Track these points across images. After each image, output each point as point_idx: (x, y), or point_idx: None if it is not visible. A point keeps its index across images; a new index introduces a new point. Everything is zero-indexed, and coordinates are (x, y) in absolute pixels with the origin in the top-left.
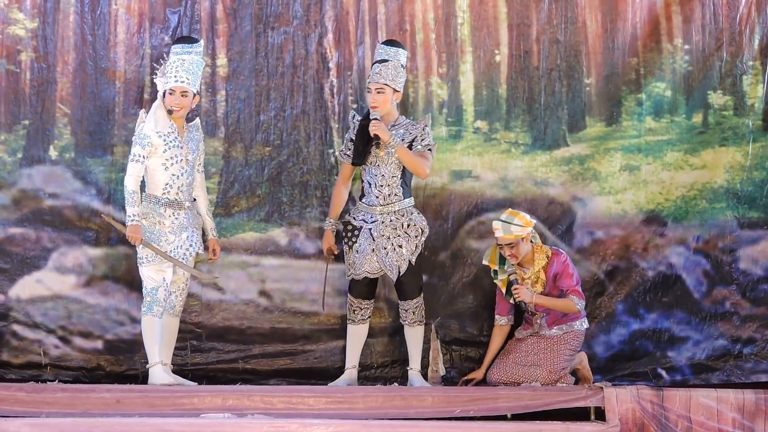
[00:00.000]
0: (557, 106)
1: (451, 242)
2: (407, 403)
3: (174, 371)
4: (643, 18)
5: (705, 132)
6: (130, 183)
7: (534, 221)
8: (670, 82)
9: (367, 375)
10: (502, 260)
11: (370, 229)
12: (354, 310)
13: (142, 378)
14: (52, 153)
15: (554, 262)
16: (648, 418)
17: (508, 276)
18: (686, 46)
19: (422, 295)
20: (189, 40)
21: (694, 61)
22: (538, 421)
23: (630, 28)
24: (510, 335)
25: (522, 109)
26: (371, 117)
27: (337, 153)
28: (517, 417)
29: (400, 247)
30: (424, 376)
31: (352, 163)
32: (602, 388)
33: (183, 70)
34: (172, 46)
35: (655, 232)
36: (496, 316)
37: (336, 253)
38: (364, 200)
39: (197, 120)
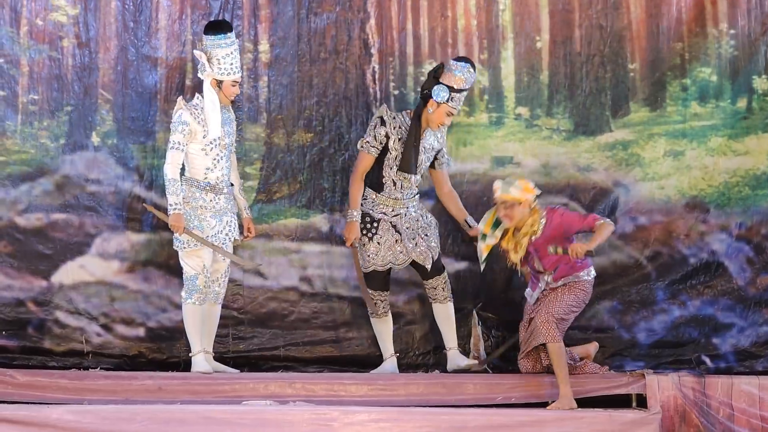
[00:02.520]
0: (600, 91)
1: None
2: (449, 391)
3: (216, 358)
4: (687, 3)
5: (749, 117)
6: (170, 171)
7: (538, 192)
8: (716, 67)
9: (408, 362)
10: (497, 226)
11: (391, 221)
12: (376, 303)
13: (183, 365)
14: (95, 139)
15: (550, 221)
16: (690, 405)
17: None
18: (732, 31)
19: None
20: (228, 27)
21: (739, 45)
22: (579, 409)
23: (675, 13)
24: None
25: (564, 95)
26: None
27: (361, 144)
28: None
29: (427, 236)
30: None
31: (407, 172)
32: (644, 375)
33: (237, 59)
34: (214, 36)
35: (697, 218)
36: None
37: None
38: (383, 194)
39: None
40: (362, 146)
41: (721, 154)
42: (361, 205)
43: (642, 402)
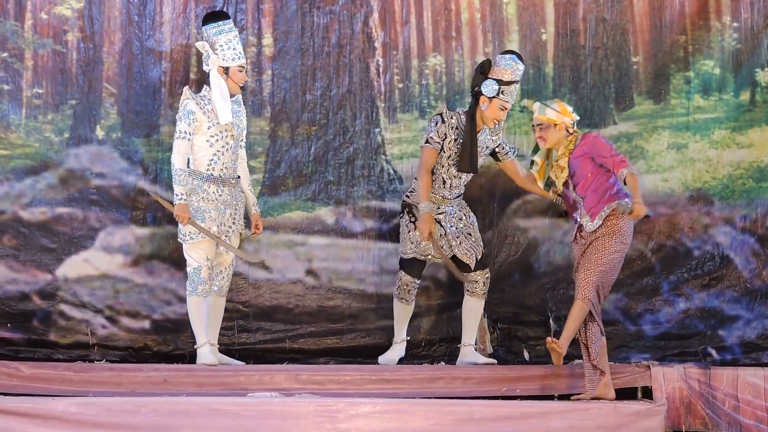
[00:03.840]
0: (604, 84)
1: (498, 221)
2: (454, 382)
3: (221, 351)
4: None
5: (752, 110)
6: (177, 161)
7: (576, 117)
8: (719, 59)
9: (414, 353)
10: (536, 150)
11: (436, 218)
12: (409, 290)
13: (188, 357)
14: (99, 133)
15: (584, 141)
16: (695, 397)
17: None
18: (735, 24)
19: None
20: (225, 15)
21: (742, 38)
22: (585, 400)
23: (677, 6)
24: None
25: (568, 87)
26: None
27: (425, 140)
28: (564, 396)
29: (470, 234)
30: None
31: (467, 172)
32: (649, 366)
33: (239, 45)
34: (214, 24)
35: (701, 211)
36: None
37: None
38: (432, 190)
39: (239, 96)
40: (427, 142)
41: (725, 146)
42: (408, 197)
43: (648, 394)
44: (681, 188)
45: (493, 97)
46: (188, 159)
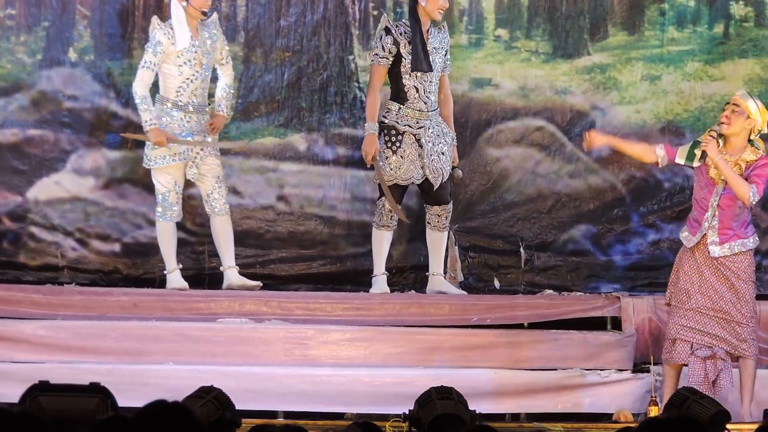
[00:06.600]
0: (579, 14)
1: (470, 150)
2: (424, 311)
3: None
4: None
5: (725, 43)
6: (140, 89)
7: (767, 130)
8: None
9: None
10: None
11: (415, 134)
12: (391, 216)
13: (159, 282)
14: (72, 55)
15: (759, 162)
16: (664, 328)
17: (709, 133)
18: None
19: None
20: None
21: None
22: (554, 330)
23: None
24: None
25: (543, 17)
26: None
27: (371, 59)
28: (534, 326)
29: (443, 154)
30: None
31: (423, 71)
32: (619, 297)
33: None
34: None
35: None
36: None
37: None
38: (408, 105)
39: (215, 16)
40: (372, 60)
41: (698, 79)
42: (385, 117)
43: (617, 324)
44: (653, 120)
45: None
46: (157, 84)
